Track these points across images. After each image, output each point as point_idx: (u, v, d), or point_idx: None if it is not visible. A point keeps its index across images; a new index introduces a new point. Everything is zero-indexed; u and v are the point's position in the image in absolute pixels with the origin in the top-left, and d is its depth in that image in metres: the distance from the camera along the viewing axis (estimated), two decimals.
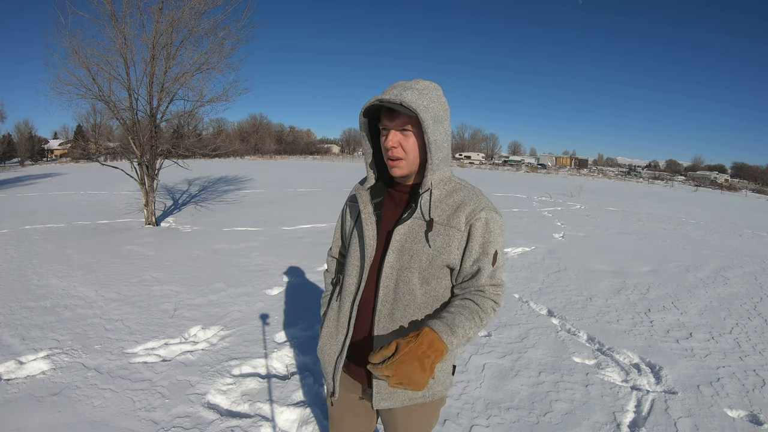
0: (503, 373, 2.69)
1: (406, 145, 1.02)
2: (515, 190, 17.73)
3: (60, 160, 44.88)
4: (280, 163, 38.01)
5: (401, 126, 1.01)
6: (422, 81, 1.04)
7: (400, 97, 0.96)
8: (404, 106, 0.96)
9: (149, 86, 6.80)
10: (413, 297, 1.05)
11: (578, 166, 74.06)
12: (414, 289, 1.04)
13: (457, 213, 1.03)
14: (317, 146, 74.55)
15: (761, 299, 4.49)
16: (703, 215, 13.03)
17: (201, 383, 2.44)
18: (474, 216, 1.02)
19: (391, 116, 1.01)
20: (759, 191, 42.60)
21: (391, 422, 1.19)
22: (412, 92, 0.97)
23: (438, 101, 1.02)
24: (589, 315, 3.73)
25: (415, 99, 0.97)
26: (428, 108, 0.98)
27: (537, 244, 6.60)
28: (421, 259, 1.03)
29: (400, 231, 1.04)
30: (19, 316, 3.32)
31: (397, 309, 1.06)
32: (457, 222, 1.02)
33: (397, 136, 1.02)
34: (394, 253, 1.05)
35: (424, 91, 1.00)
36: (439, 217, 1.03)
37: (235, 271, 4.61)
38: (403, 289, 1.04)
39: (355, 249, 1.13)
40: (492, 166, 53.94)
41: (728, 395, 2.55)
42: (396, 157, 1.02)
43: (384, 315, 1.06)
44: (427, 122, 0.97)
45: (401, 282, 1.05)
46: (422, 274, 1.04)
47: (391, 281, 1.05)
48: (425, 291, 1.05)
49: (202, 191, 12.45)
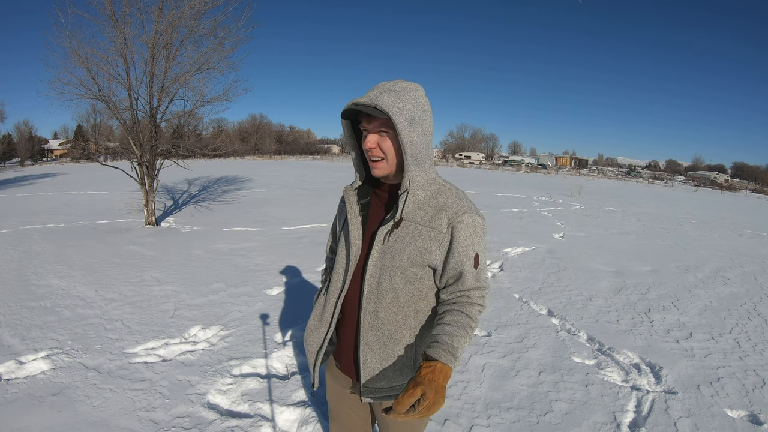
0: (503, 373, 2.69)
1: (383, 146, 1.04)
2: (515, 190, 17.73)
3: (60, 160, 44.90)
4: (280, 163, 38.00)
5: (378, 128, 1.03)
6: (403, 82, 1.05)
7: (374, 101, 0.97)
8: (378, 108, 0.97)
9: (149, 86, 6.80)
10: (396, 296, 1.08)
11: (578, 166, 74.06)
12: (397, 288, 1.07)
13: (439, 215, 1.05)
14: (317, 146, 74.45)
15: (761, 299, 4.49)
16: (703, 215, 13.02)
17: (201, 383, 2.44)
18: (456, 218, 1.04)
19: (368, 119, 1.04)
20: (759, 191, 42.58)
21: (381, 415, 1.22)
22: (388, 94, 0.99)
23: (415, 102, 1.02)
24: (589, 315, 3.73)
25: (390, 101, 0.98)
26: (403, 110, 0.99)
27: (537, 244, 6.60)
28: (403, 259, 1.05)
29: (383, 232, 1.07)
30: (19, 316, 3.32)
31: (381, 307, 1.08)
32: (439, 224, 1.04)
33: (374, 138, 1.04)
34: (378, 252, 1.07)
35: (401, 93, 1.01)
36: (421, 218, 1.06)
37: (235, 271, 4.61)
38: (387, 287, 1.07)
39: (342, 248, 1.16)
40: (492, 166, 53.91)
41: (728, 395, 2.55)
42: (375, 157, 1.05)
43: (369, 312, 1.10)
44: (400, 124, 0.98)
45: (384, 281, 1.07)
46: (404, 274, 1.07)
47: (375, 280, 1.08)
48: (408, 291, 1.08)
49: (202, 191, 12.45)
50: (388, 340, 1.09)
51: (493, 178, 26.84)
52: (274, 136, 71.80)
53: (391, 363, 1.10)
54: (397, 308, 1.08)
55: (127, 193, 11.35)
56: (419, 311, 1.11)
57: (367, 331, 1.10)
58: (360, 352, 1.11)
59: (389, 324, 1.09)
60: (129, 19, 6.41)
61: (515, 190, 17.73)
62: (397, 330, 1.09)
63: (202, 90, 7.11)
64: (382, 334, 1.09)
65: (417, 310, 1.11)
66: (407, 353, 1.10)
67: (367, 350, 1.11)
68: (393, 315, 1.09)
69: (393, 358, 1.10)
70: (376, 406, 1.23)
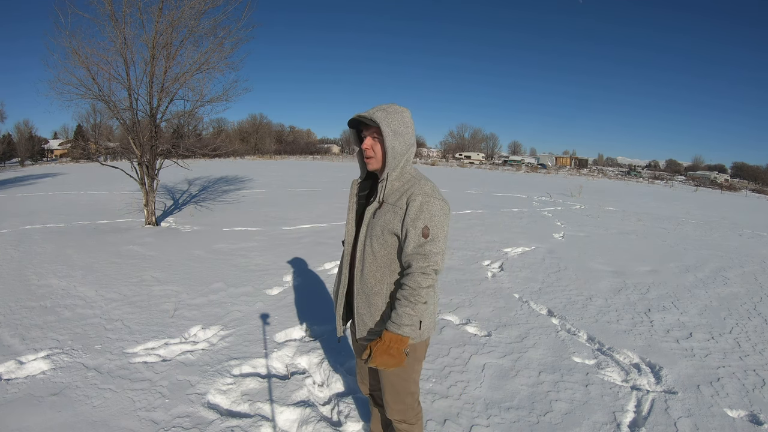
0: (503, 373, 2.69)
1: (375, 148, 1.45)
2: (515, 190, 17.73)
3: (60, 160, 44.90)
4: (280, 163, 38.00)
5: (373, 134, 1.44)
6: (395, 105, 1.45)
7: (371, 115, 1.40)
8: (374, 120, 1.39)
9: (149, 86, 6.80)
10: (375, 258, 1.46)
11: (578, 166, 73.96)
12: (375, 251, 1.45)
13: (402, 197, 1.41)
14: (317, 146, 74.38)
15: (761, 299, 4.49)
16: (703, 215, 13.02)
17: (201, 383, 2.44)
18: (411, 198, 1.38)
19: (367, 127, 1.46)
20: (759, 191, 42.51)
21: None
22: (382, 112, 1.41)
23: (401, 120, 1.42)
24: (589, 315, 3.73)
25: (383, 117, 1.39)
26: (390, 124, 1.40)
27: (537, 244, 6.60)
28: (378, 229, 1.43)
29: (369, 210, 1.48)
30: (19, 316, 3.32)
31: (366, 267, 1.47)
32: (402, 202, 1.40)
33: (370, 141, 1.45)
34: (365, 227, 1.48)
35: (392, 113, 1.41)
36: (392, 200, 1.43)
37: (235, 271, 4.61)
38: (369, 251, 1.46)
39: (346, 225, 1.61)
40: (492, 166, 53.85)
41: (728, 395, 2.55)
42: (368, 156, 1.46)
43: (359, 272, 1.50)
44: (386, 133, 1.39)
45: (367, 246, 1.46)
46: (379, 240, 1.44)
47: (362, 246, 1.48)
48: (384, 254, 1.45)
49: (202, 191, 12.45)
50: (371, 292, 1.47)
51: (493, 178, 26.84)
52: (274, 136, 71.78)
53: (373, 311, 1.48)
54: (376, 268, 1.45)
55: (127, 193, 11.35)
56: (393, 271, 1.46)
57: (358, 286, 1.50)
58: (354, 301, 1.52)
59: (371, 280, 1.47)
60: (129, 19, 6.42)
61: (515, 190, 17.73)
62: (377, 284, 1.46)
63: (202, 90, 7.12)
64: (367, 287, 1.48)
65: (392, 270, 1.46)
66: (384, 304, 1.47)
67: (357, 300, 1.51)
68: (374, 273, 1.46)
69: (374, 306, 1.47)
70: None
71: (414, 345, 1.50)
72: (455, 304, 3.79)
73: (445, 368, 2.72)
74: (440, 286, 4.03)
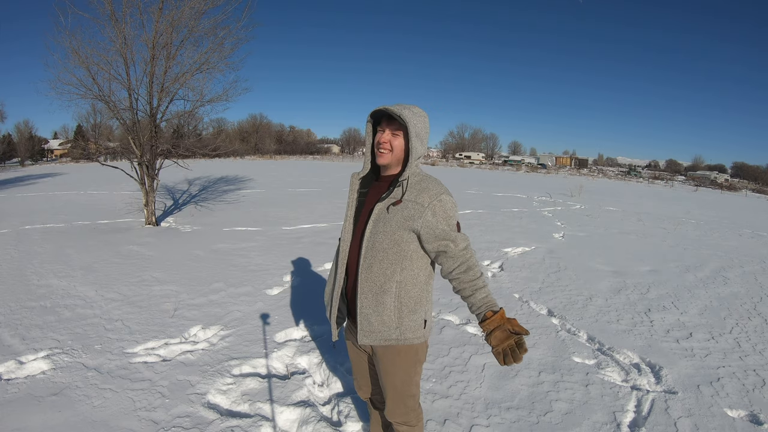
0: (503, 372, 2.69)
1: (394, 143, 1.45)
2: (515, 190, 17.73)
3: (60, 160, 44.89)
4: (280, 163, 38.00)
5: (395, 130, 1.45)
6: (417, 108, 1.47)
7: (400, 112, 1.39)
8: (402, 118, 1.39)
9: (149, 86, 6.79)
10: (386, 254, 1.42)
11: (578, 165, 73.96)
12: (387, 248, 1.41)
13: (422, 194, 1.41)
14: (317, 146, 74.39)
15: (761, 299, 4.49)
16: (702, 215, 13.02)
17: (201, 383, 2.44)
18: (436, 198, 1.40)
19: (390, 122, 1.45)
20: (759, 191, 42.52)
21: (376, 360, 1.57)
22: (408, 111, 1.42)
23: (423, 123, 1.45)
24: (589, 315, 3.73)
25: (410, 117, 1.40)
26: (416, 125, 1.42)
27: (537, 244, 6.60)
28: (393, 225, 1.40)
29: (378, 207, 1.44)
30: (19, 316, 3.32)
31: (374, 263, 1.42)
32: (422, 200, 1.40)
33: (389, 135, 1.45)
34: (373, 222, 1.44)
35: (417, 115, 1.44)
36: (409, 196, 1.42)
37: (235, 271, 4.61)
38: (379, 247, 1.42)
39: (344, 222, 1.56)
40: (492, 166, 53.85)
41: (728, 395, 2.55)
42: (385, 149, 1.45)
43: (365, 268, 1.44)
44: (412, 134, 1.41)
45: (377, 242, 1.42)
46: (393, 237, 1.41)
47: (370, 242, 1.43)
48: (396, 251, 1.42)
49: (202, 191, 12.45)
50: (379, 290, 1.42)
51: (493, 178, 26.84)
52: (274, 136, 71.72)
53: (380, 310, 1.43)
54: (386, 264, 1.42)
55: (127, 193, 11.35)
56: (404, 269, 1.43)
57: (363, 283, 1.44)
58: (358, 300, 1.45)
59: (380, 276, 1.42)
60: (129, 19, 6.41)
61: (515, 190, 17.73)
62: (386, 281, 1.42)
63: (202, 90, 7.12)
64: (374, 284, 1.43)
65: (402, 268, 1.43)
66: (393, 302, 1.43)
67: (362, 298, 1.44)
68: (383, 269, 1.42)
69: (382, 305, 1.42)
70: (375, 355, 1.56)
71: (415, 346, 1.49)
72: (455, 304, 3.79)
73: (445, 368, 2.72)
74: (440, 287, 4.03)
